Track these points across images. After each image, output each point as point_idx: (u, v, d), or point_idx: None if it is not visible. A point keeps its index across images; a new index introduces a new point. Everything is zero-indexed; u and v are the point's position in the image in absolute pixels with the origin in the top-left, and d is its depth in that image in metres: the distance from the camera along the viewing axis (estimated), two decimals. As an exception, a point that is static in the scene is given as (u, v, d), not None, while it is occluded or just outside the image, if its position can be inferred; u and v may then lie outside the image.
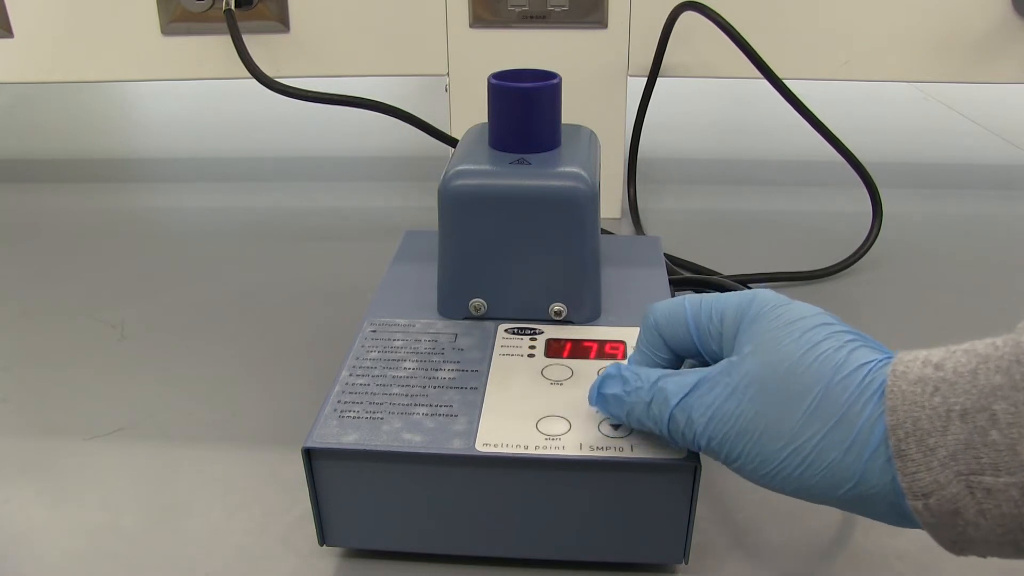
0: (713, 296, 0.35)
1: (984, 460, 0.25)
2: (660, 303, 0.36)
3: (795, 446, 0.29)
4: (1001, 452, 0.25)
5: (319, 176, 0.90)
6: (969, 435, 0.26)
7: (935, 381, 0.27)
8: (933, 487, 0.27)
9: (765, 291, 0.34)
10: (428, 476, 0.36)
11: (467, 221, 0.43)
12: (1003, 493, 0.25)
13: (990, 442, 0.25)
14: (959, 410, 0.26)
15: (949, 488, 0.26)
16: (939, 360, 0.28)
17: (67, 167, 0.94)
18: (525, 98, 0.43)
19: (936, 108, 1.14)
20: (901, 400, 0.27)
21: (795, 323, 0.31)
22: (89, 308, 0.63)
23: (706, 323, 0.34)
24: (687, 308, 0.35)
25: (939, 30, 0.71)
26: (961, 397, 0.26)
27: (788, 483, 0.30)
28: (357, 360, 0.41)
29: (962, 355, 0.27)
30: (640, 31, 0.71)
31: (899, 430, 0.27)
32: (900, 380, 0.28)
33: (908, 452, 0.27)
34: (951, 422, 0.26)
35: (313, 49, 0.74)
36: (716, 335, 0.34)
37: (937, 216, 0.79)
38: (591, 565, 0.38)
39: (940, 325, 0.59)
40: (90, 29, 0.74)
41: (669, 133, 1.02)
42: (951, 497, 0.26)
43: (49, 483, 0.45)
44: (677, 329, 0.35)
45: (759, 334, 0.32)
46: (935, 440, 0.26)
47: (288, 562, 0.40)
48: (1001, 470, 0.25)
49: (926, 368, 0.27)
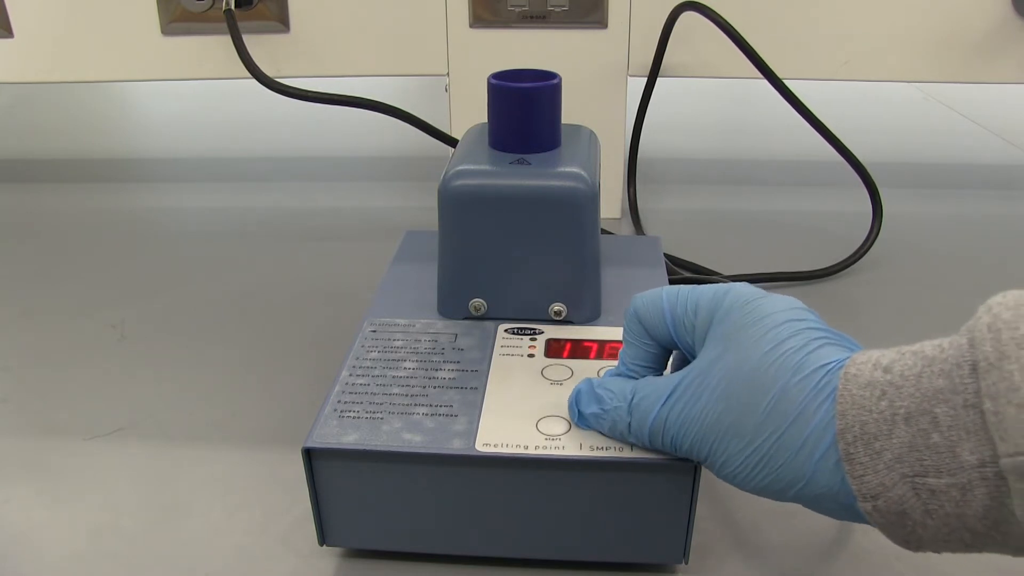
0: (690, 288, 0.35)
1: (927, 462, 0.26)
2: (641, 294, 0.36)
3: (754, 446, 0.30)
4: (942, 454, 0.26)
5: (319, 176, 0.90)
6: (913, 438, 0.26)
7: (883, 385, 0.27)
8: (880, 489, 0.27)
9: (740, 285, 0.34)
10: (428, 476, 0.36)
11: (467, 221, 0.43)
12: (945, 494, 0.26)
13: (932, 444, 0.26)
14: (903, 413, 0.27)
15: (895, 490, 0.27)
16: (888, 363, 0.28)
17: (67, 167, 0.94)
18: (525, 98, 0.43)
19: (936, 108, 1.14)
20: (850, 404, 0.28)
21: (763, 320, 0.31)
22: (89, 308, 0.63)
23: (681, 315, 0.35)
24: (664, 298, 0.35)
25: (939, 30, 0.71)
26: (906, 401, 0.27)
27: (748, 482, 0.31)
28: (357, 360, 0.41)
29: (910, 357, 0.28)
30: (640, 31, 0.71)
31: (847, 433, 0.28)
32: (851, 383, 0.28)
33: (856, 455, 0.27)
34: (896, 425, 0.27)
35: (313, 49, 0.74)
36: (690, 327, 0.34)
37: (937, 216, 0.79)
38: (591, 565, 0.38)
39: (940, 325, 0.59)
40: (90, 29, 0.74)
41: (669, 133, 1.02)
42: (897, 498, 0.27)
43: (49, 483, 0.45)
44: (655, 319, 0.35)
45: (728, 331, 0.32)
46: (881, 443, 0.27)
47: (288, 562, 0.40)
48: (943, 471, 0.26)
49: (876, 371, 0.28)
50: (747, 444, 0.30)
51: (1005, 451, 0.24)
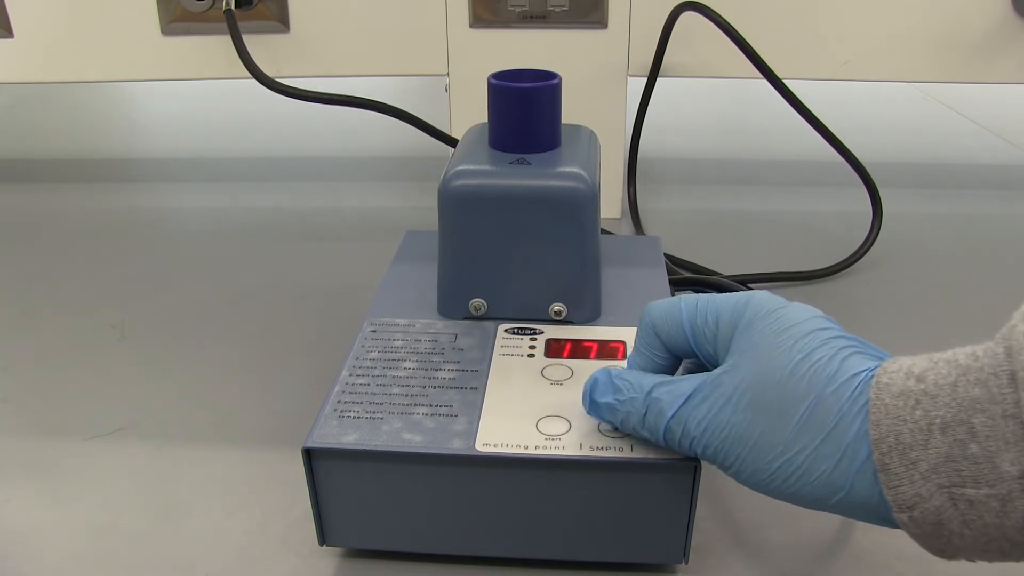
0: (709, 297, 0.35)
1: (965, 472, 0.26)
2: (656, 303, 0.36)
3: (787, 456, 0.30)
4: (980, 464, 0.26)
5: (319, 176, 0.90)
6: (950, 448, 0.26)
7: (917, 394, 0.27)
8: (916, 500, 0.27)
9: (761, 293, 0.34)
10: (428, 476, 0.36)
11: (467, 221, 0.43)
12: (984, 504, 0.26)
13: (970, 455, 0.26)
14: (939, 423, 0.26)
15: (932, 500, 0.27)
16: (921, 372, 0.28)
17: (67, 167, 0.94)
18: (525, 98, 0.43)
19: (936, 108, 1.14)
20: (884, 414, 0.27)
21: (789, 329, 0.31)
22: (89, 308, 0.63)
23: (701, 325, 0.34)
24: (683, 309, 0.35)
25: (939, 30, 0.71)
26: (942, 410, 0.26)
27: (781, 491, 0.31)
28: (357, 360, 0.41)
29: (944, 366, 0.27)
30: (640, 31, 0.71)
31: (882, 444, 0.27)
32: (883, 393, 0.28)
33: (891, 466, 0.27)
34: (932, 436, 0.26)
35: (313, 49, 0.74)
36: (711, 337, 0.34)
37: (937, 216, 0.79)
38: (591, 565, 0.38)
39: (940, 325, 0.59)
40: (90, 29, 0.74)
41: (669, 133, 1.02)
42: (934, 509, 0.27)
43: (49, 483, 0.45)
44: (673, 330, 0.35)
45: (753, 340, 0.32)
46: (917, 454, 0.27)
47: (288, 562, 0.40)
48: (981, 482, 0.26)
49: (908, 380, 0.28)
50: (778, 455, 0.30)
51: None
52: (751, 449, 0.31)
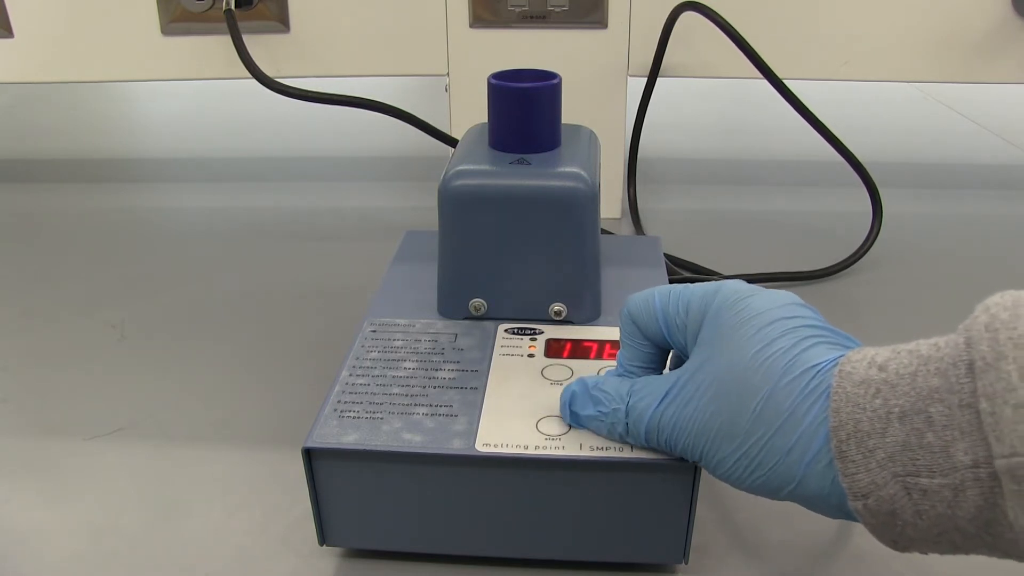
0: (683, 287, 0.35)
1: (920, 462, 0.26)
2: (635, 294, 0.36)
3: (744, 449, 0.30)
4: (936, 454, 0.26)
5: (319, 176, 0.90)
6: (907, 437, 0.26)
7: (877, 383, 0.27)
8: (871, 488, 0.27)
9: (732, 282, 0.34)
10: (428, 476, 0.36)
11: (467, 221, 0.43)
12: (937, 494, 0.26)
13: (926, 444, 0.26)
14: (898, 412, 0.26)
15: (887, 489, 0.27)
16: (883, 361, 0.28)
17: (67, 167, 0.94)
18: (525, 98, 0.43)
19: (936, 108, 1.14)
20: (844, 401, 0.28)
21: (753, 319, 0.31)
22: (89, 308, 0.63)
23: (673, 315, 0.35)
24: (656, 299, 0.35)
25: (939, 30, 0.71)
26: (901, 399, 0.26)
27: (741, 482, 0.31)
28: (357, 360, 0.41)
29: (906, 356, 0.28)
30: (640, 31, 0.71)
31: (841, 431, 0.27)
32: (845, 381, 0.28)
33: (848, 453, 0.27)
34: (890, 424, 0.26)
35: (313, 49, 0.74)
36: (682, 327, 0.34)
37: (937, 216, 0.79)
38: (591, 565, 0.38)
39: (940, 325, 0.59)
40: (90, 29, 0.74)
41: (669, 133, 1.02)
42: (888, 498, 0.27)
43: (49, 483, 0.45)
44: (649, 320, 0.35)
45: (719, 331, 0.32)
46: (874, 442, 0.27)
47: (288, 562, 0.40)
48: (936, 472, 0.26)
49: (871, 369, 0.28)
50: (738, 446, 0.30)
51: (1000, 452, 0.24)
52: (713, 441, 0.31)
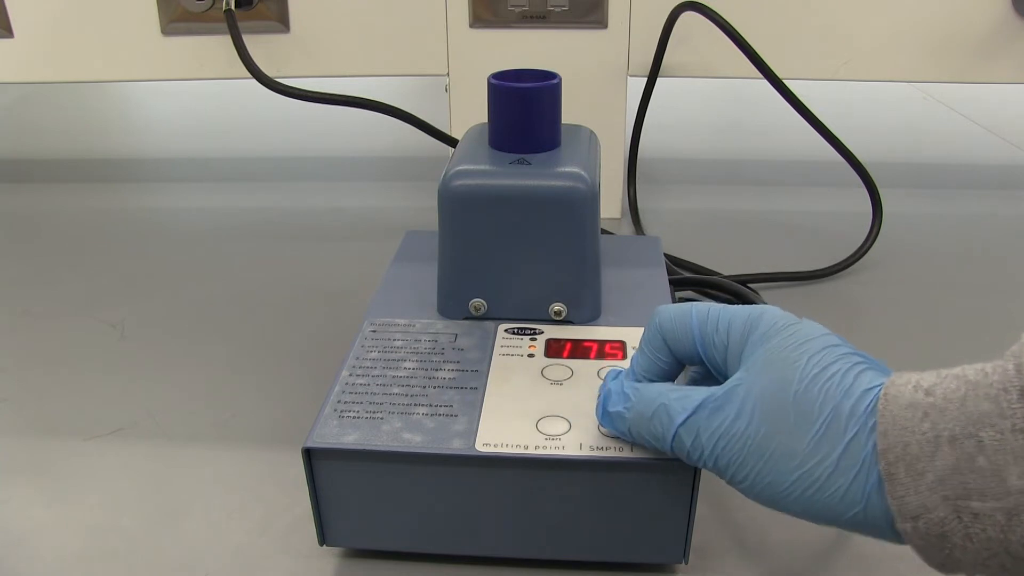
0: (721, 307, 0.35)
1: (971, 485, 0.26)
2: (667, 307, 0.36)
3: (805, 469, 0.30)
4: (987, 478, 0.26)
5: (319, 176, 0.90)
6: (957, 461, 0.26)
7: (925, 407, 0.27)
8: (921, 510, 0.27)
9: (773, 308, 0.34)
10: (428, 476, 0.36)
11: (467, 221, 0.43)
12: (989, 518, 0.26)
13: (977, 468, 0.26)
14: (948, 436, 0.27)
15: (936, 511, 0.27)
16: (929, 385, 0.28)
17: (67, 167, 0.94)
18: (525, 98, 0.43)
19: (936, 108, 1.14)
20: (892, 424, 0.28)
21: (804, 344, 0.31)
22: (89, 308, 0.63)
23: (711, 334, 0.35)
24: (693, 316, 0.35)
25: (939, 30, 0.71)
26: (950, 423, 0.27)
27: (796, 505, 0.31)
28: (357, 360, 0.41)
29: (952, 381, 0.28)
30: (640, 31, 0.71)
31: (889, 454, 0.28)
32: (891, 404, 0.28)
33: (897, 475, 0.27)
34: (940, 447, 0.27)
35: (313, 49, 0.74)
36: (721, 347, 0.34)
37: (937, 216, 0.79)
38: (591, 565, 0.38)
39: (940, 325, 0.59)
40: (90, 29, 0.74)
41: (669, 133, 1.02)
42: (938, 521, 0.27)
43: (49, 483, 0.45)
44: (681, 336, 0.35)
45: (768, 354, 0.32)
46: (924, 464, 0.27)
47: (288, 562, 0.40)
48: (987, 495, 0.26)
49: (917, 393, 0.28)
50: (797, 467, 0.30)
51: None
52: (766, 462, 0.31)
